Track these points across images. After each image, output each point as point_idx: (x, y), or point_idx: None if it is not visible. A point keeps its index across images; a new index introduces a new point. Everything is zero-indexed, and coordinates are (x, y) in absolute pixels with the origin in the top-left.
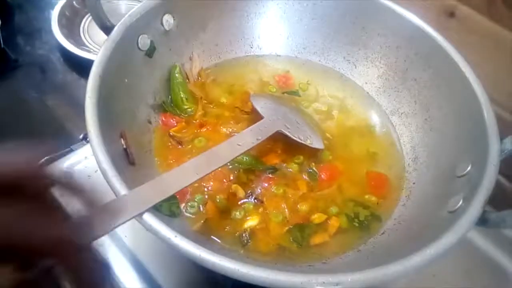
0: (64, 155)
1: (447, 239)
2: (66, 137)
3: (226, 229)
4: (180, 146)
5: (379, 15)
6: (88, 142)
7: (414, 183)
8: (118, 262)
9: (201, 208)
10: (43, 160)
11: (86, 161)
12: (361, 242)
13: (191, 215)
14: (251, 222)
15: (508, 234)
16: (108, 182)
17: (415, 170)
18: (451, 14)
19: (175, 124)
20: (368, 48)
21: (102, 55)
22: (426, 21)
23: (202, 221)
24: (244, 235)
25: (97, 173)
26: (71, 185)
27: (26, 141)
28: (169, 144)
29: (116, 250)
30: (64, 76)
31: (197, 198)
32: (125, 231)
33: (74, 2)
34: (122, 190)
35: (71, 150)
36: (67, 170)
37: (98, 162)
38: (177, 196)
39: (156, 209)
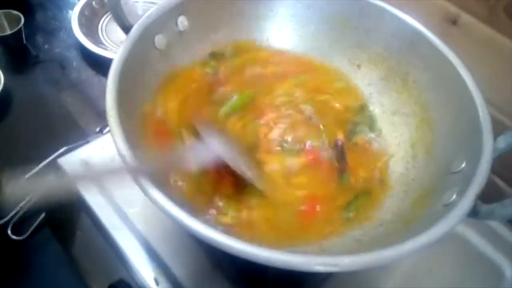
0: (81, 145)
1: (440, 228)
2: (83, 131)
3: None
4: None
5: (382, 20)
6: (105, 134)
7: (412, 179)
8: (130, 246)
9: None
10: (61, 150)
11: (103, 151)
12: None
13: None
14: None
15: (502, 232)
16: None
17: (414, 167)
18: (454, 22)
19: None
20: (372, 51)
21: (122, 53)
22: (429, 27)
23: None
24: None
25: (113, 162)
26: None
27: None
28: None
29: (129, 235)
30: (82, 73)
31: None
32: (138, 216)
33: (93, 3)
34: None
35: (88, 142)
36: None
37: (118, 149)
38: None
39: None
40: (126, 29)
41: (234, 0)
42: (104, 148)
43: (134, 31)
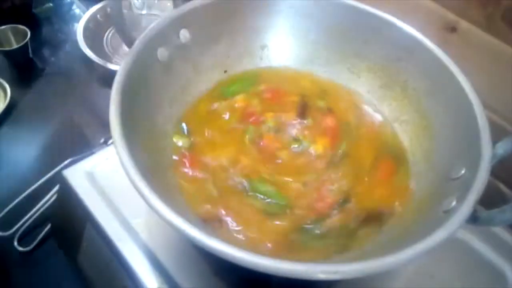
0: (86, 157)
1: (440, 235)
2: (88, 142)
3: None
4: None
5: (381, 29)
6: (109, 145)
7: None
8: (134, 256)
9: None
10: (66, 162)
11: (107, 162)
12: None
13: None
14: None
15: (505, 238)
16: (129, 178)
17: (414, 174)
18: (453, 29)
19: None
20: (371, 60)
21: (125, 66)
22: (428, 35)
23: None
24: None
25: (117, 173)
26: None
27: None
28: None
29: (133, 245)
30: (87, 85)
31: None
32: (142, 227)
33: (98, 16)
34: (142, 185)
35: (93, 153)
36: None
37: (122, 162)
38: None
39: None
40: (130, 42)
41: (235, 13)
42: (108, 159)
43: (137, 44)
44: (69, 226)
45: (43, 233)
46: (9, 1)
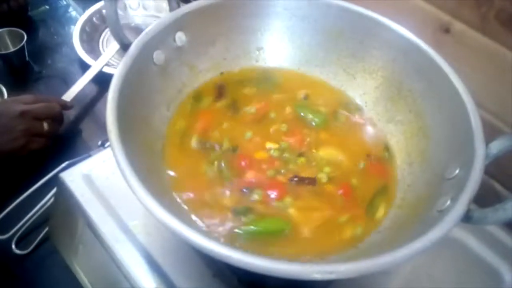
0: (83, 159)
1: (434, 234)
2: (85, 145)
3: None
4: None
5: (376, 31)
6: (106, 148)
7: (408, 186)
8: (132, 258)
9: None
10: (64, 165)
11: (104, 164)
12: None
13: None
14: None
15: (501, 237)
16: (126, 181)
17: (410, 174)
18: (447, 30)
19: None
20: (366, 61)
21: (121, 69)
22: (423, 36)
23: None
24: None
25: (114, 175)
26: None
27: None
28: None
29: (131, 247)
30: (84, 87)
31: None
32: (139, 228)
33: (94, 19)
34: (139, 187)
35: (90, 156)
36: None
37: (118, 163)
38: None
39: None
40: (125, 46)
41: (230, 15)
42: (105, 162)
43: (133, 47)
44: (66, 229)
45: (40, 236)
46: (5, 5)
